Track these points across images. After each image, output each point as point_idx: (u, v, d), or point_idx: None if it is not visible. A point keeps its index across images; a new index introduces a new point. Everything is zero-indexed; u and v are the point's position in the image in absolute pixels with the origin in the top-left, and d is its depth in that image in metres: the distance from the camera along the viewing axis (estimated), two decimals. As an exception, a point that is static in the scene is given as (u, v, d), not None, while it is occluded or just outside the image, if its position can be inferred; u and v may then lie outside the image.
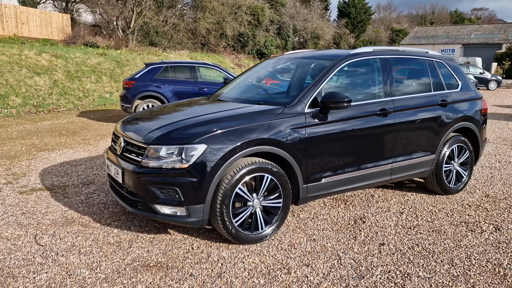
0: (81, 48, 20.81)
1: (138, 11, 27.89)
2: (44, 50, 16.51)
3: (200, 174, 3.31)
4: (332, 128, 3.94)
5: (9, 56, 14.55)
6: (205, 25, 32.47)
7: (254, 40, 38.80)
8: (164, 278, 3.03)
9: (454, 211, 4.53)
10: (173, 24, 30.57)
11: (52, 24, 23.27)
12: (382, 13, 71.30)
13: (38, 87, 13.67)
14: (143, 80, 9.91)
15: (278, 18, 42.77)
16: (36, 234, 3.69)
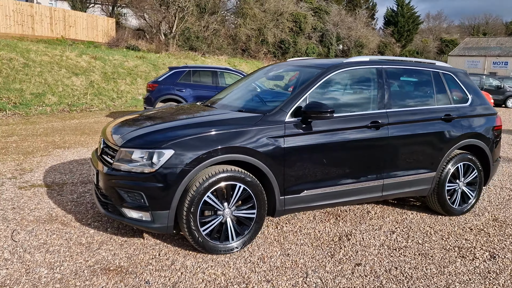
0: (123, 51, 21.56)
1: (180, 16, 28.55)
2: (85, 52, 17.22)
3: (165, 179, 3.26)
4: (315, 139, 3.78)
5: (51, 56, 15.28)
6: (246, 31, 32.73)
7: (295, 47, 38.66)
8: (119, 283, 3.00)
9: (451, 234, 4.22)
10: (214, 30, 31.03)
11: (97, 27, 24.27)
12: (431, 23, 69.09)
13: (74, 87, 14.24)
14: (166, 83, 10.07)
15: (321, 25, 42.40)
16: (15, 230, 3.79)
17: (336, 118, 3.92)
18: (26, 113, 11.60)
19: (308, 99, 3.85)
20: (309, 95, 3.87)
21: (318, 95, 3.98)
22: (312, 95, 3.91)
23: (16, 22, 19.87)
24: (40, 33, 20.94)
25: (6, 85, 12.57)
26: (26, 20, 20.30)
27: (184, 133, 3.43)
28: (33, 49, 15.06)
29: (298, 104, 3.79)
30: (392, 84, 4.36)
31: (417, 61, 4.80)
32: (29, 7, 20.45)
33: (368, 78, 4.29)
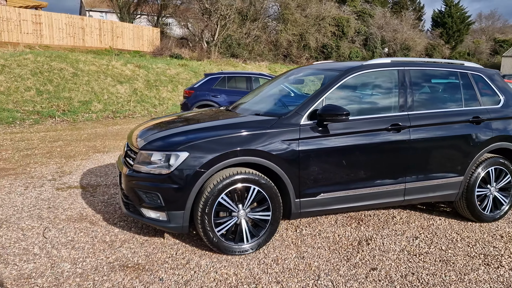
0: (166, 59, 22.27)
1: (222, 24, 29.09)
2: (129, 61, 17.96)
3: (180, 181, 3.38)
4: (331, 142, 3.78)
5: (98, 66, 16.07)
6: (287, 36, 32.80)
7: (338, 52, 38.25)
8: (134, 279, 3.14)
9: (479, 241, 4.05)
10: (255, 36, 31.34)
11: (143, 37, 25.23)
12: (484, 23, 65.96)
13: (119, 94, 14.89)
14: (201, 89, 10.33)
15: (365, 29, 41.68)
16: (47, 227, 4.04)
17: (354, 121, 3.90)
18: (73, 119, 12.26)
19: (325, 102, 3.85)
20: (325, 98, 3.87)
21: (336, 98, 3.97)
22: (330, 98, 3.91)
23: (68, 35, 21.06)
24: (90, 44, 22.07)
25: (56, 94, 13.36)
26: (77, 32, 21.47)
27: (199, 136, 3.54)
28: (82, 59, 15.91)
29: (314, 107, 3.80)
30: (415, 86, 4.26)
31: (444, 62, 4.66)
32: (80, 20, 21.63)
33: (389, 80, 4.22)
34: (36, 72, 13.94)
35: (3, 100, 12.20)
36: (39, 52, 15.73)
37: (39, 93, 13.09)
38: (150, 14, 30.90)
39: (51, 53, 16.02)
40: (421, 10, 53.74)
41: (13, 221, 4.18)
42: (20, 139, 8.92)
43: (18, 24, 18.90)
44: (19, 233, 3.89)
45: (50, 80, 13.84)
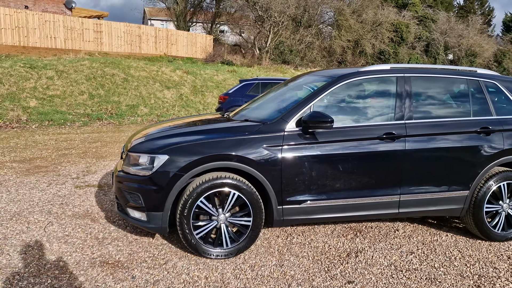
0: (217, 65, 22.82)
1: (275, 30, 29.32)
2: (179, 67, 18.63)
3: (159, 183, 3.48)
4: (318, 149, 3.71)
5: (148, 72, 16.83)
6: (341, 43, 32.31)
7: (396, 58, 37.08)
8: (108, 275, 3.28)
9: (480, 261, 3.78)
10: (308, 43, 31.21)
11: (196, 44, 26.05)
12: None
13: (165, 99, 15.49)
14: (236, 95, 10.48)
15: (426, 34, 40.03)
16: (50, 222, 4.32)
17: (343, 128, 3.81)
18: (119, 122, 12.93)
19: (313, 109, 3.79)
20: (314, 105, 3.81)
21: (327, 105, 3.90)
22: (320, 105, 3.85)
23: (126, 42, 22.25)
24: (146, 51, 23.16)
25: (106, 98, 14.17)
26: (134, 40, 22.63)
27: (181, 140, 3.63)
28: (133, 66, 16.75)
29: (301, 114, 3.75)
30: (416, 94, 4.07)
31: (453, 69, 4.40)
32: (137, 28, 22.78)
33: (387, 87, 4.07)
34: (90, 77, 14.87)
35: (58, 103, 13.14)
36: (95, 59, 16.77)
37: (91, 97, 13.95)
38: (205, 22, 31.82)
39: (106, 59, 17.02)
40: (490, 14, 50.71)
41: (24, 214, 4.51)
42: (64, 139, 9.57)
43: (80, 33, 20.28)
44: (24, 226, 4.20)
45: (102, 85, 14.70)
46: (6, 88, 12.95)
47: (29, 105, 12.50)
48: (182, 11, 29.50)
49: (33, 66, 14.53)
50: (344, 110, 4.03)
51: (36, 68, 14.40)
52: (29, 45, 18.47)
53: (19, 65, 14.26)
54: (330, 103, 3.93)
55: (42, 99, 13.04)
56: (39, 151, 7.98)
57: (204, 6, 31.16)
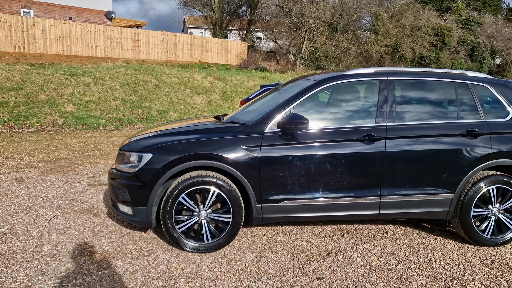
0: (250, 72, 23.17)
1: (310, 36, 29.37)
2: (210, 74, 19.11)
3: (143, 179, 3.74)
4: (296, 150, 3.84)
5: (180, 78, 17.40)
6: (377, 48, 31.83)
7: (437, 63, 36.05)
8: (92, 263, 3.56)
9: (461, 264, 3.75)
10: (344, 48, 30.99)
11: (231, 51, 26.56)
12: None
13: (194, 105, 15.96)
14: (256, 100, 10.70)
15: (471, 38, 38.63)
16: (56, 215, 4.69)
17: (322, 130, 3.92)
18: (148, 127, 13.47)
19: (294, 111, 3.93)
20: (294, 107, 3.95)
21: (308, 108, 4.03)
22: (300, 108, 3.98)
23: (162, 50, 23.08)
24: (181, 59, 23.90)
25: (138, 103, 14.80)
26: (170, 48, 23.43)
27: (166, 139, 3.87)
28: (166, 72, 17.38)
29: (281, 116, 3.90)
30: (399, 96, 4.11)
31: (442, 72, 4.39)
32: (173, 36, 23.57)
33: (369, 91, 4.14)
34: (124, 83, 15.59)
35: (93, 108, 13.89)
36: (130, 66, 17.55)
37: (123, 102, 14.63)
38: (240, 29, 32.36)
39: (140, 66, 17.77)
40: (543, 15, 48.05)
41: (35, 208, 4.92)
42: (92, 142, 10.14)
43: (119, 42, 21.26)
44: (32, 218, 4.59)
45: (135, 91, 15.37)
46: (47, 94, 13.84)
47: (66, 110, 13.29)
48: (218, 19, 30.17)
49: (72, 73, 15.42)
50: (325, 113, 4.14)
51: (75, 76, 15.28)
52: (71, 53, 19.58)
53: (60, 73, 15.19)
54: (311, 106, 4.05)
55: (78, 104, 13.82)
56: (66, 152, 8.53)
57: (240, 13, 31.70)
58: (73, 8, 22.56)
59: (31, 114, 12.61)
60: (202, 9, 31.90)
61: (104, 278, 3.31)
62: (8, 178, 6.28)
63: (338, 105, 4.24)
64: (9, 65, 15.35)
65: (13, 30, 17.78)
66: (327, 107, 4.17)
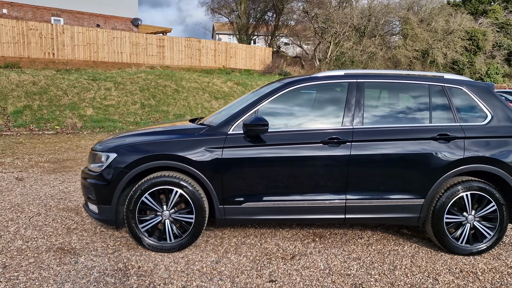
0: (274, 77, 23.20)
1: (335, 41, 29.13)
2: (230, 79, 19.29)
3: (107, 178, 3.83)
4: (258, 152, 3.84)
5: (199, 83, 17.66)
6: (406, 52, 31.15)
7: (471, 68, 34.91)
8: (56, 259, 3.67)
9: (425, 272, 3.63)
10: (371, 53, 30.52)
11: (255, 57, 26.69)
12: None
13: (212, 109, 16.13)
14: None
15: (508, 42, 37.19)
16: (39, 213, 4.87)
17: (286, 133, 3.90)
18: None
19: (258, 113, 3.93)
20: (259, 109, 3.95)
21: (274, 110, 4.02)
22: (266, 110, 3.97)
23: (186, 56, 23.48)
24: (205, 64, 24.22)
25: (156, 107, 15.13)
26: (194, 53, 23.80)
27: (132, 140, 3.96)
28: (185, 77, 17.68)
29: (245, 118, 3.90)
30: (369, 99, 4.03)
31: (417, 75, 4.27)
32: (197, 42, 23.95)
33: (338, 93, 4.08)
34: (144, 88, 15.97)
35: (112, 111, 14.31)
36: (150, 71, 17.97)
37: (142, 107, 14.99)
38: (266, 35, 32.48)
39: (161, 72, 18.16)
40: None
41: (23, 206, 5.13)
42: (104, 144, 10.44)
43: (145, 48, 21.80)
44: (16, 215, 4.78)
45: (154, 96, 15.72)
46: (69, 98, 14.37)
47: (86, 114, 13.76)
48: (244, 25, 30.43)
49: (95, 78, 15.95)
50: (291, 115, 4.11)
51: (97, 80, 15.80)
52: (98, 59, 20.25)
53: (84, 78, 15.75)
54: (278, 108, 4.04)
55: (98, 108, 14.27)
56: (75, 154, 8.83)
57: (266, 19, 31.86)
58: (101, 16, 23.35)
59: (52, 117, 13.12)
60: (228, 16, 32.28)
61: (60, 274, 3.41)
62: (10, 177, 6.57)
63: (306, 107, 4.21)
64: (37, 70, 16.05)
65: (43, 37, 18.58)
66: (294, 109, 4.14)
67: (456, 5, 38.81)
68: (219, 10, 32.27)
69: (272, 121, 3.96)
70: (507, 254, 4.09)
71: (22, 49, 18.00)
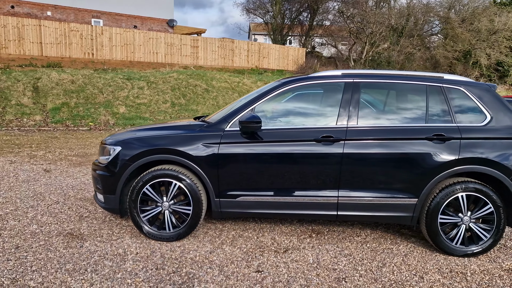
0: (304, 77, 23.19)
1: (371, 42, 28.72)
2: (261, 79, 19.50)
3: (112, 170, 4.11)
4: (253, 149, 3.99)
5: (229, 83, 17.98)
6: (445, 53, 30.22)
7: (517, 70, 33.40)
8: (63, 243, 3.97)
9: (413, 271, 3.67)
10: (408, 53, 29.85)
11: (288, 57, 26.79)
12: None
13: (240, 108, 16.40)
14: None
15: (559, 42, 35.27)
16: (59, 202, 5.24)
17: (281, 130, 4.03)
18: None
19: (255, 111, 4.09)
20: (256, 107, 4.11)
21: (271, 108, 4.16)
22: (263, 107, 4.13)
23: (220, 56, 23.92)
24: (238, 64, 24.57)
25: (186, 106, 15.55)
26: (227, 54, 24.20)
27: (136, 134, 4.21)
28: (216, 77, 18.05)
29: (242, 116, 4.07)
30: (365, 99, 4.10)
31: (413, 75, 4.26)
32: (230, 42, 24.33)
33: (334, 93, 4.16)
34: (175, 87, 16.46)
35: (143, 110, 14.85)
36: (182, 71, 18.46)
37: (172, 105, 15.46)
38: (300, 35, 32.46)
39: (192, 72, 18.62)
40: None
41: (45, 195, 5.53)
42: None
43: (179, 48, 22.41)
44: (36, 202, 5.17)
45: (184, 95, 16.17)
46: (104, 97, 15.05)
47: (119, 111, 14.36)
48: (279, 25, 30.55)
49: (130, 78, 16.60)
50: (288, 113, 4.23)
51: (131, 80, 16.43)
52: (134, 59, 21.01)
53: (119, 77, 16.42)
54: (275, 106, 4.18)
55: (130, 106, 14.86)
56: (102, 149, 9.29)
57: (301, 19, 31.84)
58: (138, 17, 24.18)
59: (87, 114, 13.79)
60: (263, 16, 32.52)
61: (65, 255, 3.70)
62: (39, 168, 7.05)
63: (302, 105, 4.32)
64: (77, 69, 16.89)
65: (84, 38, 19.50)
66: (290, 107, 4.27)
67: (503, 4, 37.21)
68: (254, 11, 32.57)
69: (268, 119, 4.11)
70: (505, 257, 4.04)
71: (64, 50, 18.97)
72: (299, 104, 4.33)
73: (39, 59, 17.79)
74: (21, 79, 14.65)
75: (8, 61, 16.86)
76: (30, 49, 18.12)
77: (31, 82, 14.62)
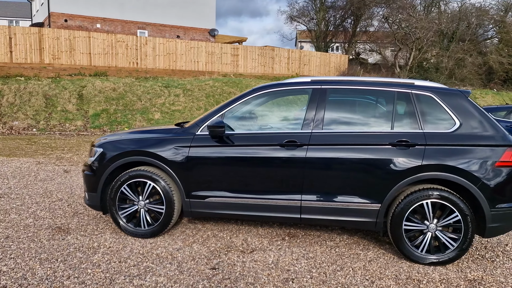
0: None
1: (418, 47, 27.88)
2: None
3: (94, 170, 4.46)
4: (220, 152, 4.18)
5: (264, 90, 18.23)
6: (499, 58, 28.63)
7: None
8: (49, 235, 4.36)
9: (367, 276, 3.67)
10: (458, 59, 28.60)
11: (330, 64, 26.65)
12: None
13: (273, 115, 16.59)
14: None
15: None
16: (61, 199, 5.70)
17: (247, 135, 4.19)
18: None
19: (225, 116, 4.28)
20: (226, 113, 4.30)
21: (240, 114, 4.34)
22: (232, 113, 4.31)
23: (260, 64, 24.28)
24: (278, 72, 24.81)
25: (219, 113, 15.96)
26: (268, 61, 24.52)
27: (117, 137, 4.54)
28: (251, 84, 18.36)
29: (212, 121, 4.28)
30: (330, 105, 4.15)
31: (382, 81, 4.24)
32: (271, 50, 24.63)
33: (301, 99, 4.26)
34: (210, 95, 16.97)
35: (177, 116, 15.45)
36: (218, 79, 18.97)
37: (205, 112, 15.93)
38: (344, 42, 32.14)
39: (228, 79, 19.08)
40: None
41: (53, 192, 6.03)
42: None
43: (219, 57, 23.04)
44: (42, 199, 5.66)
45: (218, 102, 16.62)
46: (142, 104, 15.84)
47: (154, 117, 15.06)
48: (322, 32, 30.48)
49: (168, 85, 17.35)
50: (256, 118, 4.38)
51: (169, 87, 17.16)
52: (176, 68, 21.87)
53: (158, 85, 17.22)
54: (243, 112, 4.34)
55: (165, 112, 15.53)
56: (126, 152, 9.84)
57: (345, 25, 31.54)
58: (181, 28, 25.15)
59: (124, 120, 14.59)
60: (307, 24, 32.58)
61: (45, 247, 4.07)
62: (60, 169, 7.66)
63: (270, 111, 4.45)
64: (119, 78, 17.90)
65: (129, 48, 20.61)
66: (259, 113, 4.41)
67: None
68: (298, 18, 32.73)
69: (237, 123, 4.28)
70: (476, 267, 3.91)
71: (110, 59, 20.15)
72: (269, 109, 4.47)
73: (88, 69, 19.04)
74: (68, 87, 15.78)
75: (60, 70, 18.20)
76: (80, 59, 19.44)
77: (77, 90, 15.71)
